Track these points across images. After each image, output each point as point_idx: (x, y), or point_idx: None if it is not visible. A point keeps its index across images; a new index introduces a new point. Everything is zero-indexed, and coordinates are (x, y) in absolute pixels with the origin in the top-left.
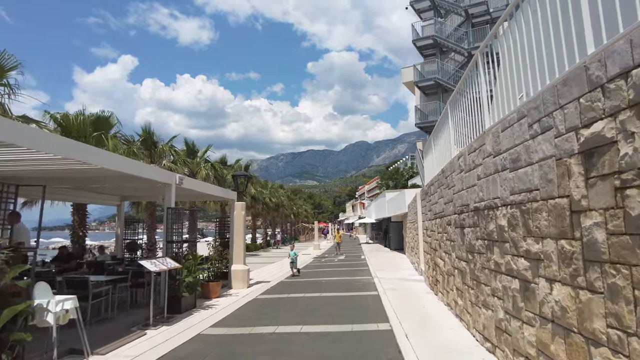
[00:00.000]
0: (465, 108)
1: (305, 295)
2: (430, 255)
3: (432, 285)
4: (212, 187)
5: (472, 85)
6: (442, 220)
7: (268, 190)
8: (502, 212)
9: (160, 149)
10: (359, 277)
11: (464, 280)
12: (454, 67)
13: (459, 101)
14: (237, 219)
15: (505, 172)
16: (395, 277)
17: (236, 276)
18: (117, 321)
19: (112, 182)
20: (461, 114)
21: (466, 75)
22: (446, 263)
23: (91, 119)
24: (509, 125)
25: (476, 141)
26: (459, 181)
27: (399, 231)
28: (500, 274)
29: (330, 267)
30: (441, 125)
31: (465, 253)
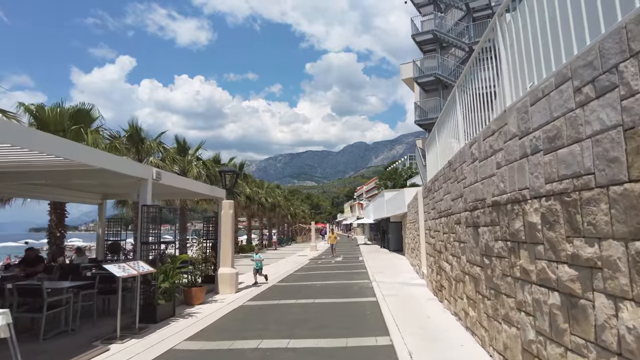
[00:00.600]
0: (474, 93)
1: (297, 302)
2: (434, 257)
3: (436, 291)
4: (196, 184)
5: (486, 56)
6: (449, 219)
7: (264, 190)
8: (534, 206)
9: (148, 146)
10: (356, 281)
11: (478, 289)
12: (455, 62)
13: (469, 82)
14: (224, 218)
15: (537, 155)
16: (395, 280)
17: (223, 280)
18: (79, 334)
19: (79, 177)
20: (470, 99)
21: (483, 41)
22: (454, 267)
23: (70, 112)
24: (543, 95)
25: (495, 122)
26: (472, 172)
27: (398, 232)
28: (529, 284)
29: (327, 270)
30: (447, 113)
31: (480, 257)
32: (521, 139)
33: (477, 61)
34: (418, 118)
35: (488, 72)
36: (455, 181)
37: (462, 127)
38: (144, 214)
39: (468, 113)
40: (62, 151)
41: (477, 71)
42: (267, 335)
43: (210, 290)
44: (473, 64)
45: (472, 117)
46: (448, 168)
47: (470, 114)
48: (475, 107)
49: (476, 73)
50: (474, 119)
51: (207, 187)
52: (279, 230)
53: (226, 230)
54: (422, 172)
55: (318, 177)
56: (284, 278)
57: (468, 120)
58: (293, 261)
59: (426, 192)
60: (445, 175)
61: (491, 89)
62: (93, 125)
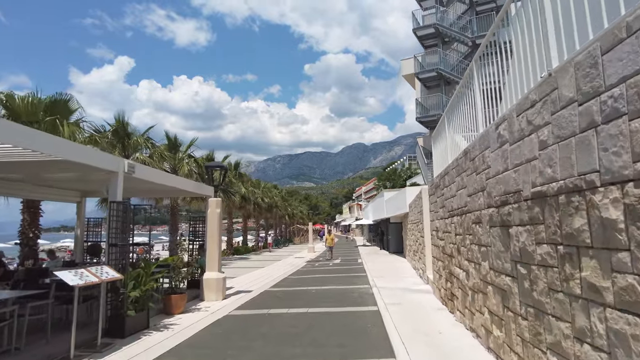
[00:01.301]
0: (500, 61)
1: (290, 312)
2: (443, 262)
3: (445, 300)
4: (178, 180)
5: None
6: (464, 218)
7: (260, 190)
8: (610, 195)
9: (135, 141)
10: (355, 286)
11: (507, 304)
12: (457, 58)
13: (489, 55)
14: (211, 218)
15: (616, 122)
16: (397, 286)
17: (209, 286)
18: (26, 354)
19: (45, 170)
20: (494, 68)
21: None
22: (471, 275)
23: (45, 102)
24: (630, 32)
25: (537, 89)
26: (499, 159)
27: (398, 233)
28: (600, 307)
29: (324, 273)
30: (459, 98)
31: (511, 264)
32: (584, 104)
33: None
34: (419, 115)
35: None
36: (473, 173)
37: (480, 106)
38: (113, 211)
39: (490, 90)
40: (7, 137)
41: (503, 33)
42: (250, 356)
43: (195, 296)
44: (499, 24)
45: (494, 96)
46: (463, 158)
47: (493, 92)
48: (501, 80)
49: (503, 35)
50: (497, 98)
51: (192, 183)
52: (277, 232)
53: (212, 230)
54: (424, 170)
55: (317, 178)
56: (278, 282)
57: (488, 99)
58: (289, 263)
59: (433, 189)
60: (458, 167)
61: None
62: (72, 117)
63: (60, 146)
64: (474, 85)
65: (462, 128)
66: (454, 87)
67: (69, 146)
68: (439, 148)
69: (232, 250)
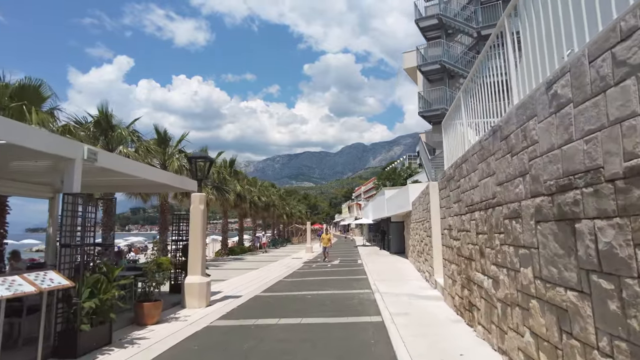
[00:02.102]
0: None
1: (280, 323)
2: (458, 266)
3: (461, 310)
4: (153, 171)
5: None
6: (490, 212)
7: (257, 188)
8: None
9: (119, 134)
10: (355, 291)
11: (570, 328)
12: (461, 50)
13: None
14: (194, 215)
15: None
16: (402, 291)
17: (191, 291)
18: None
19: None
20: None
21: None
22: (502, 283)
23: (13, 87)
24: None
25: (630, 14)
26: (554, 129)
27: (400, 233)
28: None
29: (321, 276)
30: (482, 65)
31: (579, 273)
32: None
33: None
34: (422, 109)
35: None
36: (506, 154)
37: (515, 68)
38: (66, 205)
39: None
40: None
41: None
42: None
43: (176, 302)
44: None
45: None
46: (490, 139)
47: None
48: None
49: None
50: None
51: (170, 176)
52: (274, 232)
53: (195, 229)
54: (428, 166)
55: (316, 178)
56: (271, 286)
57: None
58: (285, 265)
59: (444, 183)
60: (483, 151)
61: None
62: (45, 105)
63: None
64: (506, 42)
65: (482, 110)
66: (458, 81)
67: (5, 125)
68: (450, 135)
69: (226, 251)
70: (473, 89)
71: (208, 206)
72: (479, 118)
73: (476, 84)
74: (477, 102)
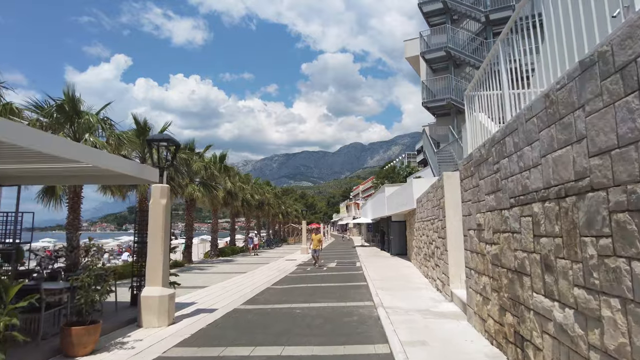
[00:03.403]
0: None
1: (253, 355)
2: (496, 280)
3: (501, 341)
4: (88, 152)
5: None
6: (572, 203)
7: (250, 186)
8: None
9: (86, 121)
10: (354, 303)
11: None
12: (468, 36)
13: None
14: (154, 210)
15: None
16: (412, 305)
17: (149, 307)
18: None
19: None
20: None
21: None
22: (605, 324)
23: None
24: None
25: None
26: None
27: (401, 233)
28: None
29: (315, 282)
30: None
31: None
32: None
33: None
34: (425, 99)
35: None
36: (610, 104)
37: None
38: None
39: None
40: None
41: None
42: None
43: (132, 319)
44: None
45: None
46: (575, 83)
47: None
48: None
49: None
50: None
51: (121, 161)
52: (269, 232)
53: (156, 228)
54: (434, 160)
55: (314, 177)
56: (255, 296)
57: None
58: (277, 268)
59: (470, 170)
60: (556, 107)
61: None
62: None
63: None
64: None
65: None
66: (464, 70)
67: None
68: (477, 107)
69: (216, 252)
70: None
71: (194, 203)
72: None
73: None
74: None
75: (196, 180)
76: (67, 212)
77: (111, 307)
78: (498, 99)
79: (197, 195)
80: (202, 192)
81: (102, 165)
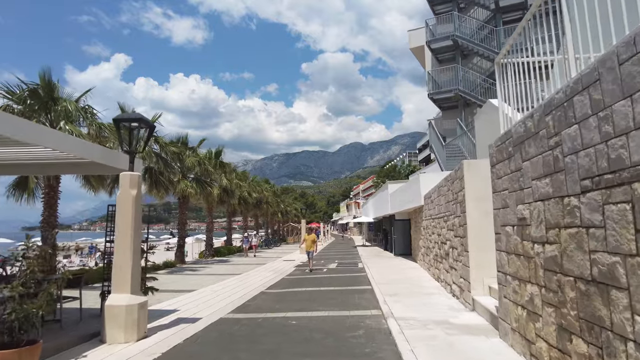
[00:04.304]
0: None
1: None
2: (554, 292)
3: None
4: (43, 131)
5: None
6: None
7: (247, 183)
8: None
9: (64, 108)
10: (358, 313)
11: None
12: (476, 25)
13: None
14: (122, 203)
15: None
16: (427, 315)
17: (113, 318)
18: None
19: None
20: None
21: None
22: None
23: None
24: None
25: None
26: None
27: (406, 232)
28: None
29: (314, 285)
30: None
31: None
32: None
33: None
34: (431, 91)
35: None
36: None
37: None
38: None
39: None
40: None
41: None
42: None
43: (95, 334)
44: None
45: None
46: None
47: None
48: None
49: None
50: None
51: (84, 144)
52: (268, 231)
53: (124, 224)
54: (442, 154)
55: (314, 177)
56: (246, 302)
57: None
58: (273, 269)
59: (508, 151)
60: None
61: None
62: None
63: None
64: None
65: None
66: (471, 61)
67: None
68: (509, 74)
69: (211, 252)
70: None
71: (187, 201)
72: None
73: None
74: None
75: (190, 177)
76: (44, 207)
77: (76, 315)
78: (537, 67)
79: (189, 192)
80: (195, 188)
81: (62, 149)
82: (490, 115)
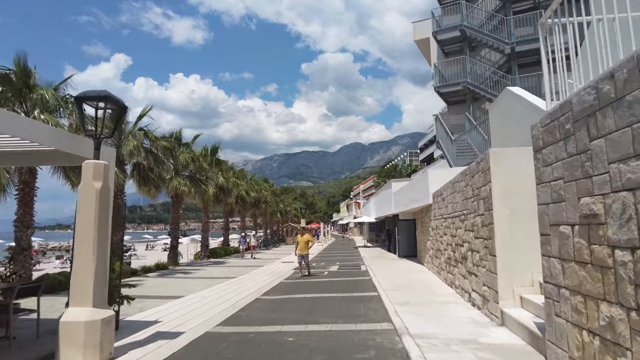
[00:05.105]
0: None
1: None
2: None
3: None
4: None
5: None
6: None
7: (245, 182)
8: None
9: (40, 95)
10: (365, 327)
11: None
12: (485, 15)
13: None
14: (84, 197)
15: None
16: (450, 332)
17: (70, 337)
18: None
19: None
20: None
21: None
22: None
23: None
24: None
25: None
26: None
27: (410, 232)
28: None
29: (314, 291)
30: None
31: None
32: None
33: None
34: (438, 84)
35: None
36: None
37: None
38: None
39: None
40: None
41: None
42: None
43: (48, 356)
44: None
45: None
46: None
47: None
48: None
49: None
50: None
51: (38, 128)
52: (267, 231)
53: (85, 223)
54: (450, 150)
55: (314, 177)
56: (238, 312)
57: None
58: (271, 272)
59: (565, 129)
60: None
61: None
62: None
63: None
64: None
65: None
66: (479, 53)
67: None
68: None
69: (207, 253)
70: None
71: (180, 199)
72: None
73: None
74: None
75: (184, 174)
76: (18, 203)
77: (33, 331)
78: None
79: (183, 190)
80: (189, 186)
81: (11, 133)
82: (509, 104)
